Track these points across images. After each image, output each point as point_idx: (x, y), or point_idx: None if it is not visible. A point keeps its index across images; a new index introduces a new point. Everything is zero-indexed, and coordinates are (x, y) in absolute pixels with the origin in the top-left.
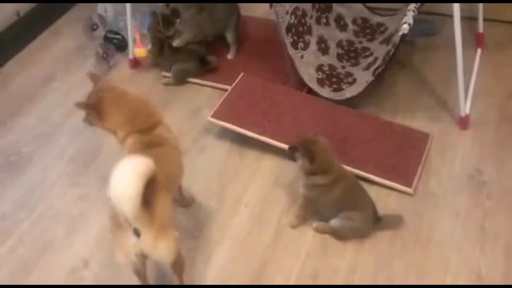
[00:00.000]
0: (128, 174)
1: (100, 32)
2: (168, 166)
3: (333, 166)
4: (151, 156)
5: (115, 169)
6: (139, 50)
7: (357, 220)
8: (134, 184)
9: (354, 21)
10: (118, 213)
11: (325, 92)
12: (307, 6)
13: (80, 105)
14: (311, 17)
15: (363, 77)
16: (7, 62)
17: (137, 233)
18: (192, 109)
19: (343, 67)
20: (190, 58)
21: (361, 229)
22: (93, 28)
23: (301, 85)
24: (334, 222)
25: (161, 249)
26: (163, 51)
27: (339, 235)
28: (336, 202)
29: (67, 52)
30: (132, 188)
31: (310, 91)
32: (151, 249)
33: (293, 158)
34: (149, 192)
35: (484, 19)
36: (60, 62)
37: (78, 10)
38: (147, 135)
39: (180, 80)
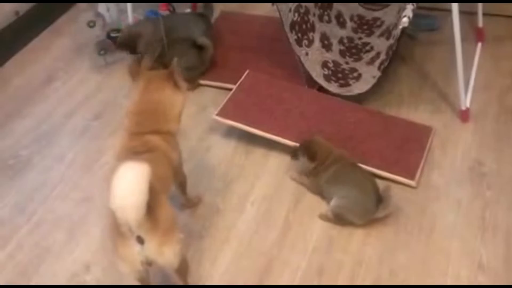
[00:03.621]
0: (131, 182)
1: (97, 30)
2: (159, 170)
3: (329, 155)
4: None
5: (114, 178)
6: None
7: (352, 198)
8: (139, 192)
9: (351, 18)
10: (120, 222)
11: (333, 87)
12: (310, 4)
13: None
14: (314, 14)
15: (368, 72)
16: (6, 62)
17: (140, 240)
18: (197, 108)
19: (346, 63)
20: (185, 48)
21: (358, 209)
22: (89, 25)
23: (313, 81)
24: (333, 201)
25: (167, 254)
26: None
27: (340, 217)
28: (330, 178)
29: (68, 51)
30: (138, 197)
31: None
32: (157, 255)
33: (296, 157)
34: (150, 197)
35: (484, 14)
36: (60, 61)
37: (78, 9)
38: (136, 141)
39: (192, 81)
